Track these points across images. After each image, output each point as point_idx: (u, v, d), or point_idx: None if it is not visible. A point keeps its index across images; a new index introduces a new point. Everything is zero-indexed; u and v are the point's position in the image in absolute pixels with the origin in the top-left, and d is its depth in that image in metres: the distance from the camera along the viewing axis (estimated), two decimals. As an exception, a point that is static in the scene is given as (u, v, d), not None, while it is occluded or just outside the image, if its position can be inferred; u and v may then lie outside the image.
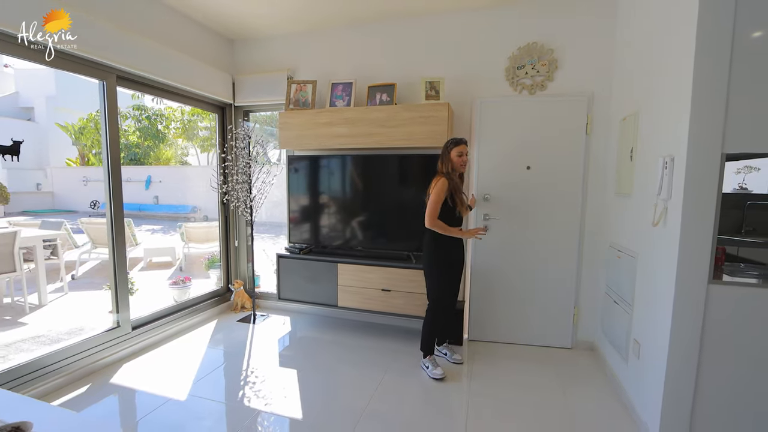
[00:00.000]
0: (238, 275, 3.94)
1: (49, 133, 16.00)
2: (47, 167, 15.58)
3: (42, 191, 15.03)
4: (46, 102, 16.21)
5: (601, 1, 2.73)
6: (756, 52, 1.60)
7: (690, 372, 1.75)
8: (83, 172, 14.77)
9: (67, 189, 14.94)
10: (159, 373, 2.53)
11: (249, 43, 3.66)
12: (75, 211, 14.00)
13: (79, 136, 14.84)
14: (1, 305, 3.83)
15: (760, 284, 1.70)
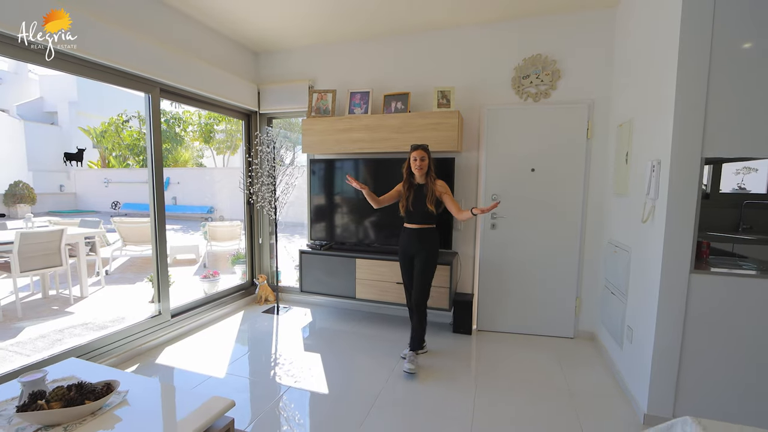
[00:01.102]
0: (261, 270, 4.23)
1: (71, 136, 16.64)
2: (70, 169, 16.21)
3: (65, 192, 15.63)
4: (69, 107, 16.87)
5: (600, 17, 2.95)
6: (731, 69, 1.82)
7: (674, 350, 1.97)
8: (104, 174, 15.33)
9: (88, 190, 15.52)
10: (197, 356, 2.83)
11: (272, 56, 3.95)
12: (97, 211, 14.54)
13: (101, 139, 15.39)
14: (47, 297, 4.19)
15: (736, 274, 1.91)
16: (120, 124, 15.00)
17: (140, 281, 5.13)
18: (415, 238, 2.71)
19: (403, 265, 2.82)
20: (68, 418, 1.36)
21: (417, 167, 2.63)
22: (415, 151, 2.64)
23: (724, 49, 1.82)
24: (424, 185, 2.69)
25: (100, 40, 2.41)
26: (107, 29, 2.45)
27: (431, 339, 3.14)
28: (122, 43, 2.54)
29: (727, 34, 1.81)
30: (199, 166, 16.68)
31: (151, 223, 3.01)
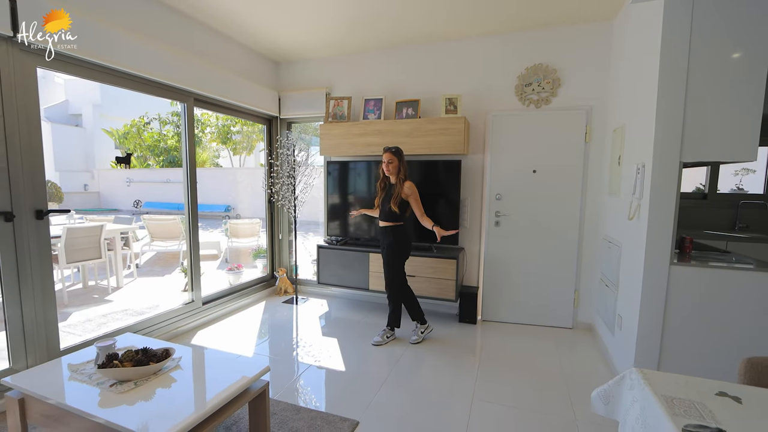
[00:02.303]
0: (281, 264, 4.55)
1: (95, 138, 17.33)
2: (93, 169, 16.88)
3: (89, 191, 16.28)
4: (93, 109, 17.55)
5: (598, 29, 3.17)
6: (707, 82, 2.04)
7: (656, 333, 2.19)
8: (126, 173, 15.94)
9: (111, 189, 16.14)
10: (227, 338, 3.14)
11: (292, 65, 4.26)
12: (119, 209, 15.14)
13: (123, 140, 16.00)
14: (87, 287, 4.58)
15: (713, 266, 2.12)
16: (141, 126, 15.57)
17: (168, 274, 5.51)
18: (382, 234, 3.03)
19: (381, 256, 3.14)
20: (138, 376, 1.67)
21: (386, 170, 2.91)
22: (384, 154, 2.92)
23: (700, 64, 2.04)
24: (393, 186, 2.95)
25: (147, 60, 2.73)
26: (150, 49, 2.77)
27: (438, 329, 3.40)
28: (162, 60, 2.86)
29: (704, 49, 2.02)
30: (215, 166, 17.19)
31: (186, 219, 3.34)
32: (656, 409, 0.96)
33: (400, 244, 2.99)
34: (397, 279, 3.03)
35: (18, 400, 1.67)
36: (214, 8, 3.04)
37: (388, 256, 3.01)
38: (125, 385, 1.64)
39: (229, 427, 1.97)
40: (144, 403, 1.53)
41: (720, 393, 1.02)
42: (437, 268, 3.41)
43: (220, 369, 1.87)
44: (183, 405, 1.55)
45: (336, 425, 2.00)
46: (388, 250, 2.99)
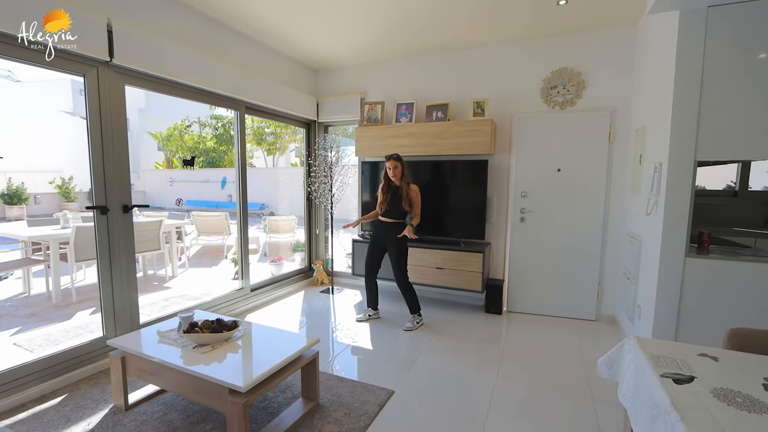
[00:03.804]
0: (317, 257, 4.90)
1: (140, 141, 18.56)
2: (139, 170, 18.09)
3: (135, 190, 17.45)
4: (138, 113, 18.81)
5: (622, 33, 3.29)
6: (721, 84, 2.18)
7: (671, 319, 2.34)
8: (169, 174, 16.99)
9: (155, 188, 17.25)
10: (273, 321, 3.51)
11: (329, 73, 4.60)
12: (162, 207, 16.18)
13: (166, 143, 17.05)
14: (146, 275, 5.11)
15: (727, 258, 2.26)
16: (183, 129, 16.54)
17: (214, 265, 6.01)
18: (389, 230, 3.34)
19: (373, 248, 3.49)
20: (214, 341, 2.03)
21: (392, 174, 3.27)
22: (388, 161, 3.27)
23: (715, 67, 2.18)
24: (399, 188, 3.30)
25: (209, 74, 3.12)
26: (211, 64, 3.16)
27: (465, 318, 3.64)
28: (221, 74, 3.25)
29: (718, 53, 2.17)
30: (250, 166, 17.99)
31: (238, 216, 3.74)
32: (644, 364, 1.19)
33: (405, 239, 3.34)
34: (406, 270, 3.38)
35: (120, 358, 2.06)
36: (263, 26, 3.40)
37: (398, 252, 3.33)
38: (204, 348, 1.99)
39: (283, 390, 2.30)
40: (220, 362, 1.87)
41: (701, 354, 1.23)
42: (464, 261, 3.64)
43: (278, 340, 2.21)
44: (252, 363, 1.88)
45: (374, 392, 2.29)
46: (399, 246, 3.33)
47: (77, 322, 3.44)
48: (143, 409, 2.10)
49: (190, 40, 3.06)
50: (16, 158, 12.04)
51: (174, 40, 2.89)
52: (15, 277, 4.77)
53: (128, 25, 2.54)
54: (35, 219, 4.69)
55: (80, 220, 4.92)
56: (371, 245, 3.52)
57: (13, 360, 2.25)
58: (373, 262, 3.50)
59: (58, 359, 2.34)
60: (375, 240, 3.49)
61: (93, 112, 2.43)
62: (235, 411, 1.66)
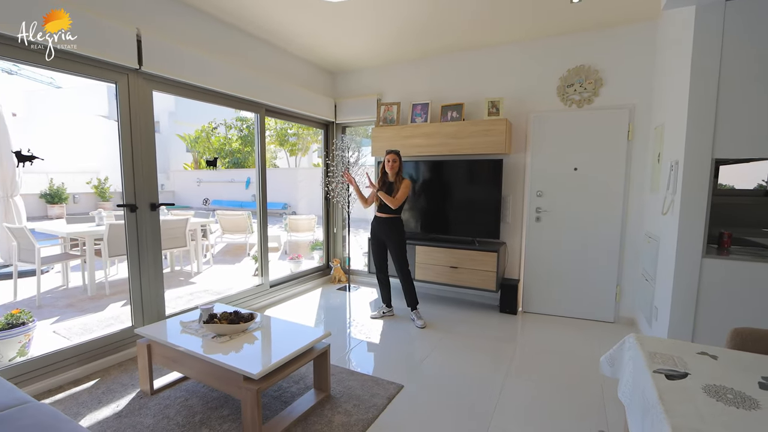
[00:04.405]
0: (335, 255, 5.01)
1: (170, 143, 19.31)
2: (169, 171, 18.84)
3: (165, 190, 18.17)
4: (168, 116, 19.59)
5: (642, 29, 3.22)
6: (739, 81, 2.12)
7: (688, 321, 2.30)
8: (197, 174, 17.62)
9: (184, 188, 17.92)
10: (291, 316, 3.63)
11: (347, 75, 4.69)
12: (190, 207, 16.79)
13: (194, 144, 17.67)
14: (173, 271, 5.37)
15: (745, 259, 2.19)
16: (210, 131, 17.10)
17: (237, 262, 6.23)
18: (385, 225, 3.46)
19: (374, 245, 3.60)
20: (231, 331, 2.14)
21: (389, 167, 3.37)
22: (388, 155, 3.38)
23: (733, 63, 2.12)
24: (393, 184, 3.40)
25: (230, 79, 3.27)
26: (232, 69, 3.30)
27: (478, 318, 3.65)
28: (242, 78, 3.39)
29: (737, 49, 2.11)
30: (273, 167, 18.41)
31: (258, 215, 3.88)
32: (640, 360, 1.20)
33: (402, 234, 3.48)
34: (406, 261, 3.48)
35: (146, 345, 2.21)
36: (283, 31, 3.52)
37: (397, 246, 3.44)
38: (222, 338, 2.11)
39: (297, 381, 2.40)
40: (237, 351, 1.98)
41: (701, 352, 1.23)
42: (479, 260, 3.65)
43: (291, 332, 2.30)
44: (266, 353, 1.98)
45: (384, 386, 2.35)
46: (397, 239, 3.44)
47: (110, 313, 3.67)
48: (167, 394, 2.24)
49: (213, 46, 3.21)
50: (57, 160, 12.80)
51: (197, 47, 3.04)
52: (55, 271, 5.11)
53: (155, 33, 2.71)
54: (73, 217, 5.01)
55: (113, 218, 5.22)
56: (372, 242, 3.63)
57: (53, 346, 2.45)
58: (379, 257, 3.59)
59: (91, 346, 2.53)
60: (374, 236, 3.59)
61: (123, 117, 2.60)
62: (249, 397, 1.76)
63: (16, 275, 4.15)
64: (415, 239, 4.07)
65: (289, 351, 1.98)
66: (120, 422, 1.98)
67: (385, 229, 3.47)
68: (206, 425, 1.96)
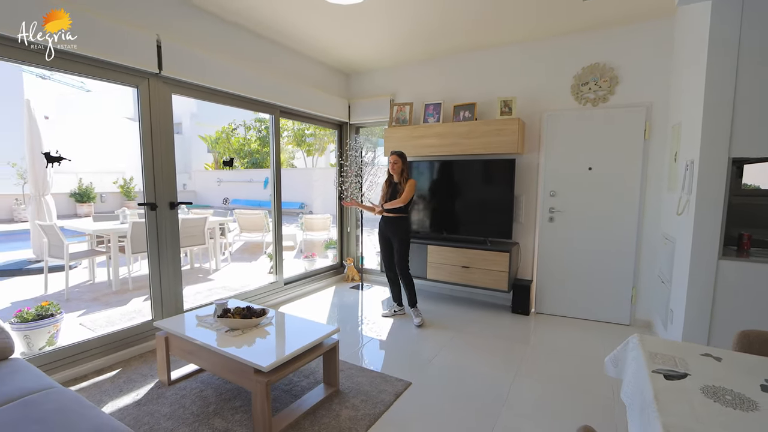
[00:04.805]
0: (348, 254, 5.07)
1: (192, 143, 19.85)
2: (191, 171, 19.37)
3: (187, 190, 18.69)
4: (190, 118, 20.13)
5: (659, 25, 3.15)
6: (757, 77, 2.06)
7: (703, 325, 2.24)
8: (217, 174, 18.05)
9: (205, 188, 18.39)
10: (304, 313, 3.70)
11: (361, 76, 4.74)
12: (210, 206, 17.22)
13: (215, 145, 18.11)
14: (193, 268, 5.54)
15: (762, 261, 2.13)
16: (230, 132, 17.50)
17: (254, 260, 6.37)
18: (391, 224, 3.50)
19: (381, 243, 3.65)
20: (244, 326, 2.21)
21: (391, 168, 3.44)
22: (390, 156, 3.43)
23: (751, 59, 2.06)
24: (398, 184, 3.43)
25: (245, 81, 3.36)
26: (247, 72, 3.39)
27: (490, 318, 3.64)
28: (256, 81, 3.48)
29: (755, 45, 2.05)
30: (291, 167, 18.68)
31: (273, 214, 3.98)
32: (641, 361, 1.20)
33: (407, 233, 3.50)
34: (406, 263, 3.51)
35: (164, 338, 2.31)
36: (297, 34, 3.59)
37: (400, 243, 3.48)
38: (235, 332, 2.19)
39: (307, 375, 2.46)
40: (249, 345, 2.05)
41: (705, 354, 1.21)
42: (491, 260, 3.64)
43: (302, 328, 2.36)
44: (276, 347, 2.05)
45: (392, 383, 2.39)
46: (401, 238, 3.48)
47: (132, 307, 3.83)
48: (183, 385, 2.34)
49: (228, 49, 3.31)
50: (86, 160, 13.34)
51: (213, 51, 3.15)
52: (82, 267, 5.35)
53: (173, 38, 2.81)
54: (99, 215, 5.24)
55: (137, 216, 5.43)
56: (380, 240, 3.68)
57: (79, 337, 2.58)
58: (387, 255, 3.63)
59: (114, 338, 2.66)
60: (381, 234, 3.64)
61: (144, 119, 2.72)
62: (259, 388, 1.82)
63: (46, 270, 4.37)
64: (426, 239, 4.08)
65: (298, 346, 2.04)
66: (139, 410, 2.08)
67: (391, 228, 3.51)
68: (219, 415, 2.03)
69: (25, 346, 2.55)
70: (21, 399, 1.43)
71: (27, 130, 4.81)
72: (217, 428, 1.93)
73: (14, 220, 10.85)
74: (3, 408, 1.37)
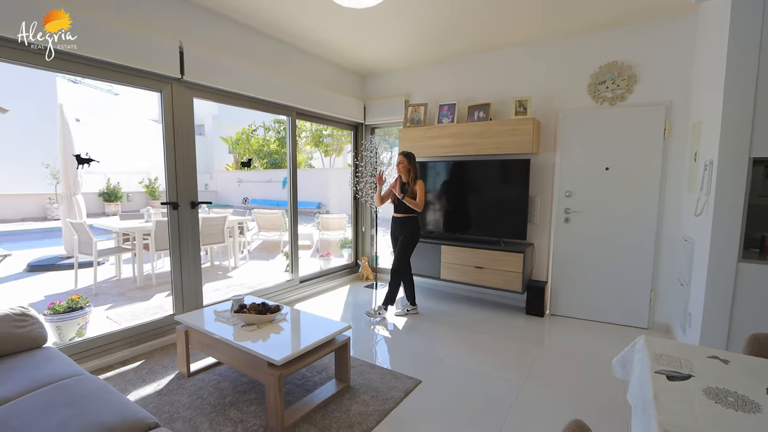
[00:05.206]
0: (363, 253, 5.13)
1: (214, 144, 20.37)
2: (213, 171, 19.87)
3: (209, 190, 19.19)
4: (212, 120, 20.66)
5: (680, 22, 3.07)
6: (780, 76, 2.00)
7: (722, 330, 2.19)
8: (237, 174, 18.46)
9: (225, 188, 18.84)
10: (318, 310, 3.77)
11: (376, 77, 4.79)
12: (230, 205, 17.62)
13: (235, 146, 18.52)
14: (213, 265, 5.71)
15: (786, 264, 2.06)
16: (249, 133, 17.87)
17: (271, 259, 6.51)
18: (400, 224, 3.60)
19: (393, 243, 3.77)
20: (258, 321, 2.29)
21: (398, 168, 3.53)
22: (398, 156, 3.51)
23: (776, 58, 2.00)
24: (406, 184, 3.50)
25: (262, 84, 3.46)
26: (264, 75, 3.49)
27: (503, 319, 3.63)
28: (273, 83, 3.57)
29: (779, 44, 1.99)
30: (309, 167, 18.93)
31: (289, 214, 4.07)
32: (645, 362, 1.20)
33: (414, 232, 3.56)
34: (402, 263, 3.58)
35: (184, 331, 2.41)
36: (314, 38, 3.67)
37: (403, 242, 3.56)
38: (251, 327, 2.27)
39: (320, 371, 2.52)
40: (264, 339, 2.13)
41: (712, 356, 1.20)
42: (504, 261, 3.62)
43: (314, 324, 2.43)
44: (290, 342, 2.12)
45: (402, 380, 2.42)
46: (404, 237, 3.56)
47: (155, 302, 3.99)
48: (202, 377, 2.44)
49: (247, 53, 3.41)
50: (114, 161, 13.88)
51: (232, 56, 3.25)
52: (109, 263, 5.59)
53: (194, 44, 2.93)
54: (126, 214, 5.46)
55: (161, 215, 5.63)
56: (392, 241, 3.78)
57: (106, 329, 2.72)
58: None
59: (138, 331, 2.79)
60: (392, 235, 3.73)
61: (167, 122, 2.84)
62: (272, 381, 1.89)
63: (76, 266, 4.60)
64: (440, 239, 4.10)
65: (310, 341, 2.10)
66: (160, 399, 2.19)
67: (400, 227, 3.60)
68: (235, 406, 2.12)
69: (56, 336, 2.71)
70: (53, 384, 1.54)
71: (60, 132, 5.07)
72: (232, 419, 2.01)
73: (47, 218, 11.41)
74: (38, 392, 1.48)
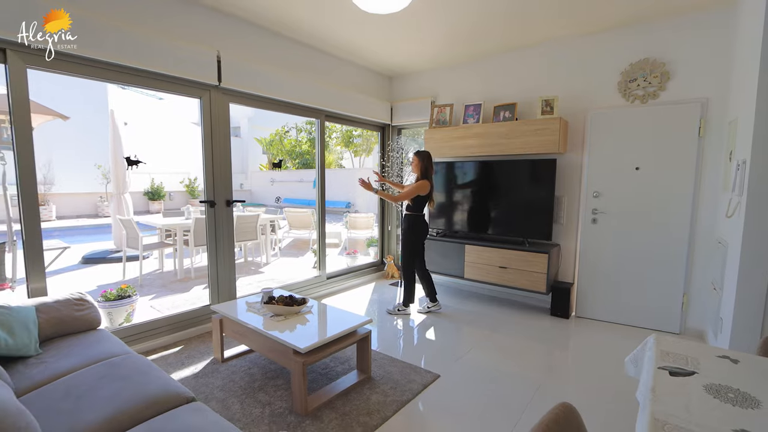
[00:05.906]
0: (389, 252, 5.23)
1: (249, 145, 21.15)
2: (248, 171, 20.65)
3: (244, 189, 19.95)
4: (248, 122, 21.45)
5: (716, 17, 2.95)
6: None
7: (752, 336, 2.11)
8: (270, 174, 19.08)
9: (259, 187, 19.53)
10: (343, 305, 3.91)
11: (402, 78, 4.88)
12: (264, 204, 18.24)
13: (269, 147, 19.14)
14: (246, 261, 6.00)
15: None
16: (282, 134, 18.42)
17: (301, 256, 6.75)
18: (405, 221, 3.70)
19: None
20: (286, 312, 2.44)
21: (412, 168, 3.63)
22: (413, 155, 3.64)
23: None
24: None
25: (294, 89, 3.63)
26: (295, 80, 3.66)
27: (527, 319, 3.61)
28: (304, 87, 3.74)
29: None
30: (339, 167, 19.27)
31: (317, 213, 4.24)
32: (652, 360, 1.22)
33: (410, 228, 3.64)
34: (404, 259, 3.68)
35: (219, 320, 2.60)
36: (342, 43, 3.81)
37: (402, 239, 3.70)
38: (279, 317, 2.42)
39: (342, 362, 2.65)
40: (291, 329, 2.27)
41: (722, 356, 1.21)
42: (529, 261, 3.61)
43: (338, 317, 2.55)
44: (314, 332, 2.25)
45: (421, 374, 2.50)
46: (402, 233, 3.70)
47: (194, 294, 4.27)
48: (234, 363, 2.62)
49: (278, 59, 3.60)
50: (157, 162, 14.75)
51: (265, 62, 3.44)
52: (153, 257, 6.01)
53: (230, 53, 3.13)
54: (168, 211, 5.85)
55: (199, 212, 5.99)
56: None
57: (149, 316, 2.98)
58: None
59: (178, 319, 3.02)
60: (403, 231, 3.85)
61: (206, 126, 3.06)
62: (297, 368, 2.02)
63: (124, 259, 4.99)
64: (464, 238, 4.13)
65: (333, 332, 2.22)
66: (197, 381, 2.38)
67: (403, 224, 3.71)
68: (263, 390, 2.27)
69: (108, 321, 2.99)
70: (107, 360, 1.74)
71: (111, 136, 5.51)
72: (261, 401, 2.17)
73: (99, 215, 12.34)
74: (95, 365, 1.68)
